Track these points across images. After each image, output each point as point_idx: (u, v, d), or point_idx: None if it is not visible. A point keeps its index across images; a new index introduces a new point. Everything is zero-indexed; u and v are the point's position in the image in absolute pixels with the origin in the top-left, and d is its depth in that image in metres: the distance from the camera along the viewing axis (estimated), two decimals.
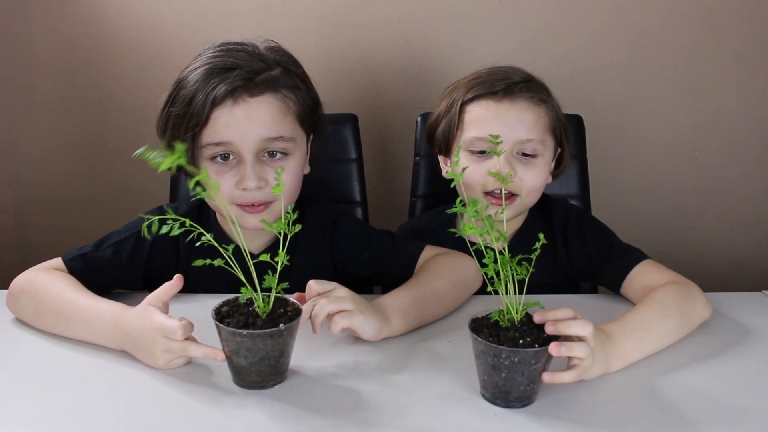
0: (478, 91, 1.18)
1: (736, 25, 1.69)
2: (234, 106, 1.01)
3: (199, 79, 1.02)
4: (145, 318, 0.88)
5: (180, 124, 1.03)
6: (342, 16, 1.69)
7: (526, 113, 1.16)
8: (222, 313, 0.83)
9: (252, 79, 1.02)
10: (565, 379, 0.81)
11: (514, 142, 1.15)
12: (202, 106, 1.00)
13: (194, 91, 1.01)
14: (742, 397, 0.83)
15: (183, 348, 0.86)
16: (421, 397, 0.82)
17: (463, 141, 1.19)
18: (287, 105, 1.05)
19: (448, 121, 1.21)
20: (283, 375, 0.85)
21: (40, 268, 1.04)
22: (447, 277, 1.07)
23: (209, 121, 1.01)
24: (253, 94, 1.02)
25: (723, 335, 0.99)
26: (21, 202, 1.85)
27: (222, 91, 1.00)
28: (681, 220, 1.84)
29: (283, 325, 0.80)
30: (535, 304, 0.80)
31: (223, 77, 1.00)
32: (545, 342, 0.77)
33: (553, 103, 1.21)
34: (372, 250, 1.16)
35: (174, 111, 1.03)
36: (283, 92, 1.05)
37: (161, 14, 1.68)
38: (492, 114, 1.16)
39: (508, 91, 1.17)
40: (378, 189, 1.74)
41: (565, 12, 1.68)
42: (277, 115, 1.03)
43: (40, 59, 1.74)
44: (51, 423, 0.77)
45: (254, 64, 1.03)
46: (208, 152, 1.03)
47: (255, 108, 1.02)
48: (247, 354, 0.81)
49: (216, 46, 1.07)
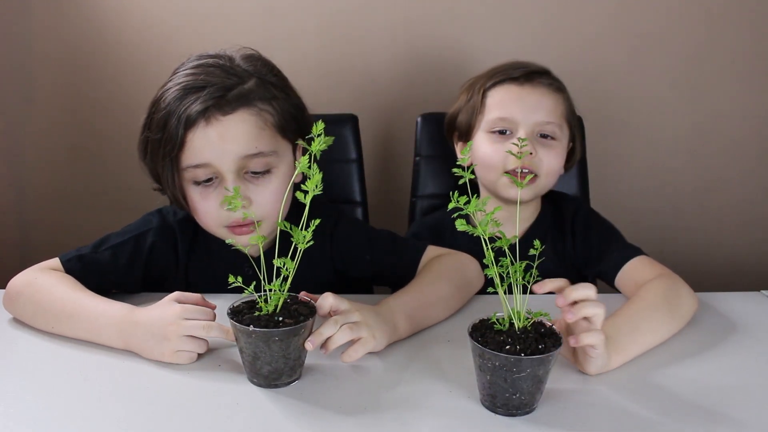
0: (500, 77, 1.24)
1: (736, 25, 1.69)
2: (207, 126, 0.98)
3: (171, 101, 0.99)
4: (166, 305, 0.91)
5: (158, 149, 1.01)
6: (342, 17, 1.69)
7: (546, 98, 1.22)
8: (237, 310, 0.84)
9: (224, 97, 0.98)
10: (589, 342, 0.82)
11: (535, 123, 1.20)
12: (176, 129, 0.97)
13: (168, 114, 0.99)
14: (742, 396, 0.83)
15: (206, 326, 0.88)
16: (423, 398, 0.82)
17: (485, 122, 1.23)
18: (264, 118, 1.01)
19: (470, 108, 1.26)
20: (298, 373, 0.85)
21: (37, 268, 1.04)
22: (452, 280, 1.07)
23: (185, 144, 0.98)
24: (225, 112, 0.98)
25: (722, 335, 0.99)
26: (21, 202, 1.85)
27: (194, 111, 0.97)
28: (681, 220, 1.84)
29: (299, 324, 0.81)
30: (544, 315, 0.80)
31: (195, 97, 0.98)
32: (538, 352, 0.75)
33: (568, 95, 1.27)
34: (373, 252, 1.16)
35: (151, 136, 1.02)
36: (258, 106, 1.01)
37: (162, 14, 1.68)
38: (514, 96, 1.22)
39: (528, 77, 1.23)
40: (378, 189, 1.74)
41: (565, 13, 1.68)
42: (254, 131, 1.00)
43: (40, 59, 1.74)
44: (51, 423, 0.76)
45: (226, 80, 1.00)
46: (189, 175, 1.01)
47: (228, 126, 0.99)
48: (257, 352, 0.81)
49: (190, 62, 1.04)
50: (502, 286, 0.78)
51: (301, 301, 0.87)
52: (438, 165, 1.49)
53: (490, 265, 0.78)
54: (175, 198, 1.05)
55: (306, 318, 0.83)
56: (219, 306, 0.94)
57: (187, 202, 1.05)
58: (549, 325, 0.81)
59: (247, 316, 0.82)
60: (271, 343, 0.80)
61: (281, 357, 0.81)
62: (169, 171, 1.01)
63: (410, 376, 0.87)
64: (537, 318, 0.80)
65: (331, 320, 0.87)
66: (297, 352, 0.83)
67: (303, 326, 0.82)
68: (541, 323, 0.81)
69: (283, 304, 0.84)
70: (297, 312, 0.84)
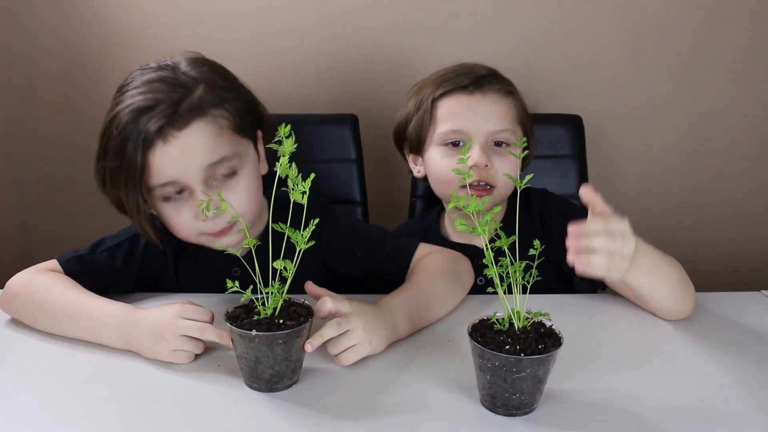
0: (448, 86, 1.20)
1: (736, 25, 1.69)
2: (165, 144, 0.96)
3: (124, 126, 0.97)
4: (167, 306, 0.91)
5: (119, 176, 0.99)
6: (342, 17, 1.69)
7: (497, 104, 1.19)
8: (234, 315, 0.83)
9: (176, 112, 0.97)
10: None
11: (488, 133, 1.17)
12: (134, 153, 0.96)
13: (123, 139, 0.97)
14: (742, 396, 0.83)
15: (200, 327, 0.87)
16: (422, 398, 0.82)
17: (436, 135, 1.20)
18: (219, 124, 1.00)
19: (419, 119, 1.23)
20: (297, 375, 0.85)
21: (35, 269, 1.05)
22: (448, 278, 1.08)
23: (147, 165, 0.97)
24: (180, 127, 0.97)
25: (722, 335, 0.99)
26: (21, 203, 1.85)
27: (150, 132, 0.95)
28: (681, 220, 1.84)
29: (301, 325, 0.81)
30: (544, 315, 0.80)
31: (147, 117, 0.96)
32: (538, 352, 0.75)
33: (519, 96, 1.24)
34: (365, 249, 1.15)
35: (108, 164, 1.00)
36: (212, 113, 1.00)
37: (161, 14, 1.68)
38: (465, 106, 1.19)
39: (477, 84, 1.19)
40: (378, 189, 1.74)
41: (565, 12, 1.68)
42: (212, 139, 0.99)
43: (40, 59, 1.74)
44: (50, 423, 0.76)
45: (174, 95, 0.98)
46: (159, 193, 1.00)
47: (186, 141, 0.97)
48: (259, 356, 0.80)
49: (134, 81, 1.01)
50: (502, 286, 0.78)
51: (298, 302, 0.86)
52: None
53: (490, 265, 0.78)
54: (141, 227, 1.04)
55: (306, 319, 0.83)
56: (215, 307, 0.94)
57: (153, 228, 1.05)
58: (549, 325, 0.80)
59: (247, 320, 0.81)
60: (275, 346, 0.80)
61: (284, 360, 0.81)
62: (134, 195, 1.00)
63: (410, 376, 0.87)
64: (537, 318, 0.80)
65: (333, 322, 0.87)
66: (298, 354, 0.83)
67: (304, 327, 0.82)
68: (541, 323, 0.80)
69: (285, 307, 0.84)
70: (296, 313, 0.84)
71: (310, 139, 1.43)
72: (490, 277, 0.79)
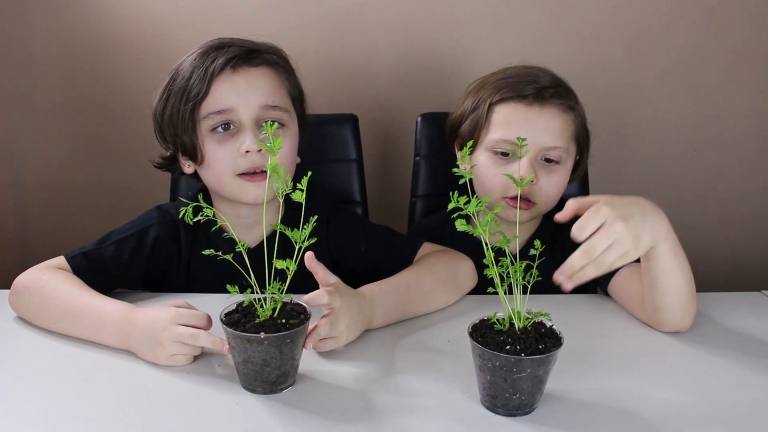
0: (508, 93, 1.17)
1: (736, 25, 1.69)
2: (234, 73, 1.05)
3: (196, 59, 1.07)
4: (162, 308, 0.91)
5: (180, 99, 1.06)
6: (342, 17, 1.69)
7: (555, 120, 1.15)
8: (230, 316, 0.83)
9: (250, 51, 1.08)
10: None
11: (540, 149, 1.15)
12: (202, 78, 1.04)
13: (192, 68, 1.06)
14: (742, 396, 0.83)
15: (194, 334, 0.87)
16: (422, 398, 0.82)
17: (487, 140, 1.18)
18: (281, 80, 1.11)
19: (474, 119, 1.20)
20: (292, 379, 0.84)
21: (43, 266, 1.05)
22: (437, 275, 1.08)
23: (209, 92, 1.05)
24: (252, 64, 1.07)
25: (722, 335, 1.00)
26: (21, 203, 1.85)
27: (221, 62, 1.04)
28: (681, 220, 1.83)
29: (293, 329, 0.80)
30: (544, 315, 0.80)
31: (221, 52, 1.06)
32: (538, 352, 0.75)
33: (579, 110, 1.21)
34: (368, 244, 1.17)
35: (173, 89, 1.07)
36: (277, 68, 1.11)
37: (161, 14, 1.68)
38: (521, 118, 1.15)
39: (538, 96, 1.15)
40: (378, 189, 1.74)
41: (565, 12, 1.68)
42: (275, 85, 1.09)
43: (39, 60, 1.74)
44: (50, 422, 0.76)
45: (249, 45, 1.09)
46: (209, 123, 1.06)
47: (254, 75, 1.07)
48: (267, 358, 0.79)
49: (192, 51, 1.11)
50: (502, 286, 0.78)
51: (297, 305, 0.86)
52: (438, 165, 1.49)
53: (490, 265, 0.78)
54: (186, 149, 1.08)
55: (306, 315, 0.83)
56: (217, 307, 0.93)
57: (200, 156, 1.08)
58: (549, 326, 0.80)
59: (250, 324, 0.80)
60: (283, 346, 0.79)
61: (290, 359, 0.81)
62: (189, 122, 1.06)
63: (410, 377, 0.87)
64: (537, 318, 0.80)
65: (327, 321, 0.89)
66: (300, 352, 0.83)
67: (306, 325, 0.82)
68: (541, 323, 0.81)
69: (282, 308, 0.83)
70: (294, 311, 0.84)
71: (310, 139, 1.43)
72: (490, 276, 0.79)
